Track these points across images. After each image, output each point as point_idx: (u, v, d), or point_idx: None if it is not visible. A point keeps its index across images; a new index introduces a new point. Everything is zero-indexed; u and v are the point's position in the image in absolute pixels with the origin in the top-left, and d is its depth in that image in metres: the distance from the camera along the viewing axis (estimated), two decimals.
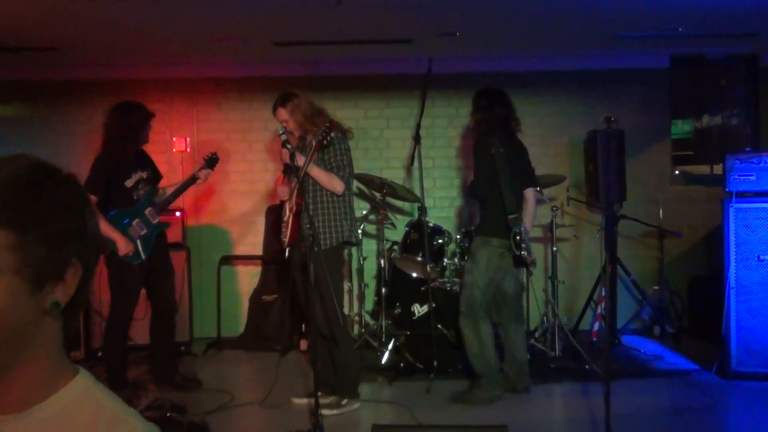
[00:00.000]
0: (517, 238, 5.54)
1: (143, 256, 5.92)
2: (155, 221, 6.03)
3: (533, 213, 6.00)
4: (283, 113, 5.54)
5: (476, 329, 5.76)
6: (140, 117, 6.09)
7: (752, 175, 6.26)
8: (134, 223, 5.95)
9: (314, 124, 5.55)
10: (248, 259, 8.24)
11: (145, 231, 5.96)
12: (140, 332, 7.33)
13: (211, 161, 6.26)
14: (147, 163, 6.28)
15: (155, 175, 6.35)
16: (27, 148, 8.23)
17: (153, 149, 8.22)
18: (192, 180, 6.14)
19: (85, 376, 1.42)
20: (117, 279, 5.98)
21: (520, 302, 6.20)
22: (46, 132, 8.27)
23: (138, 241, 5.90)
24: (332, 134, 5.37)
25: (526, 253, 5.57)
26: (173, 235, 7.56)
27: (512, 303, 5.97)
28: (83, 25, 6.34)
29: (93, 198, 5.64)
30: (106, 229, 5.71)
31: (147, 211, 5.99)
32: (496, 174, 5.66)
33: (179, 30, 6.62)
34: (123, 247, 5.79)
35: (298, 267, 5.55)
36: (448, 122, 8.41)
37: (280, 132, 5.31)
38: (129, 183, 5.97)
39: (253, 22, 6.40)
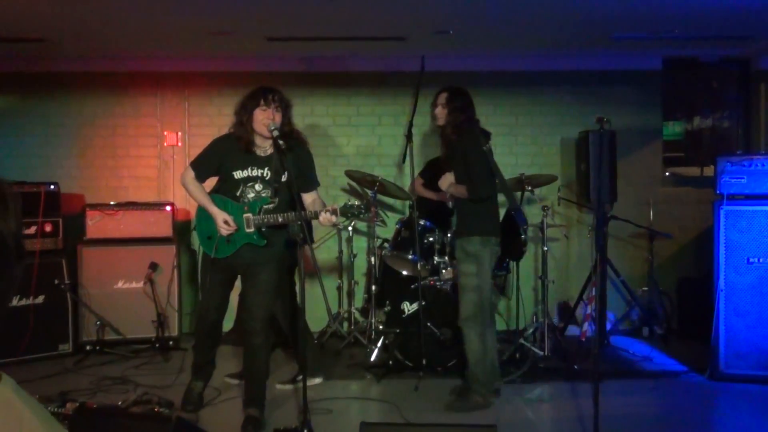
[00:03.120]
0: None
1: (215, 253, 5.21)
2: (248, 230, 5.19)
3: None
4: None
5: (482, 335, 5.66)
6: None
7: (743, 178, 6.27)
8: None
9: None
10: None
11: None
12: (130, 327, 7.33)
13: (344, 212, 5.19)
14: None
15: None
16: (16, 141, 8.21)
17: (144, 143, 8.25)
18: (312, 215, 5.12)
19: (7, 385, 1.31)
20: (203, 271, 5.54)
21: (495, 303, 6.19)
22: (35, 124, 8.24)
23: (220, 237, 5.19)
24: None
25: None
26: (162, 229, 7.55)
27: (492, 304, 5.97)
28: (73, 17, 6.31)
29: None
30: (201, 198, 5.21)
31: (246, 216, 5.17)
32: (491, 171, 5.63)
33: (171, 23, 6.59)
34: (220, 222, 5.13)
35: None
36: None
37: (273, 128, 5.16)
38: (238, 175, 5.25)
39: (247, 16, 6.38)
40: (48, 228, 7.15)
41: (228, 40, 7.13)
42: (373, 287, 7.24)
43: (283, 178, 5.21)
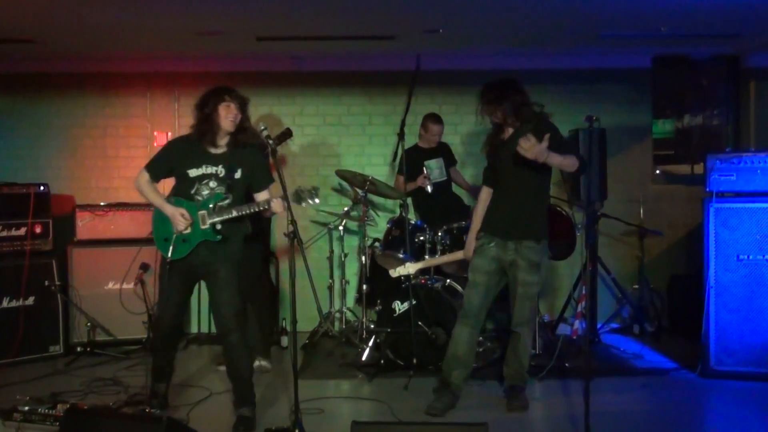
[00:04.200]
0: None
1: (170, 254, 5.17)
2: (203, 227, 5.20)
3: None
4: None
5: (533, 338, 5.74)
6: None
7: (732, 176, 6.29)
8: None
9: None
10: None
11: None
12: (121, 328, 7.31)
13: (298, 199, 5.22)
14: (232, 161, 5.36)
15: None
16: (6, 142, 8.20)
17: (134, 144, 8.23)
18: (265, 204, 5.19)
19: None
20: (160, 274, 5.46)
21: None
22: (25, 125, 8.23)
23: (174, 237, 5.18)
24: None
25: None
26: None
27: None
28: (63, 17, 6.30)
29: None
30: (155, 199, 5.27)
31: (201, 213, 5.20)
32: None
33: (161, 24, 6.58)
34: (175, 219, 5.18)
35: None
36: None
37: (263, 127, 5.21)
38: (192, 173, 5.27)
39: (236, 16, 6.37)
40: (38, 229, 7.13)
41: (218, 40, 7.12)
42: (364, 286, 7.24)
43: (237, 176, 5.26)
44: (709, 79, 8.78)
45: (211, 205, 5.20)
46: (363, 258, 7.38)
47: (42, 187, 7.23)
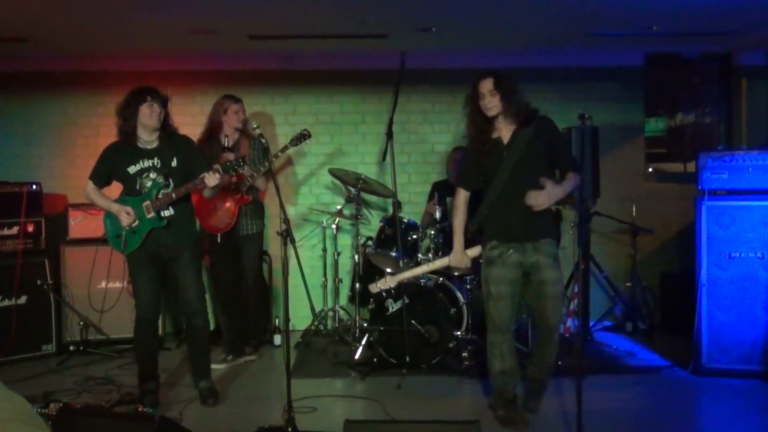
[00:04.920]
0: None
1: (125, 249, 5.54)
2: (149, 216, 5.51)
3: None
4: None
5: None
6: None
7: (724, 174, 6.30)
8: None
9: None
10: None
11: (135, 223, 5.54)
12: (114, 327, 7.30)
13: (228, 168, 5.57)
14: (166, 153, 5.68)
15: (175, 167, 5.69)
16: None
17: None
18: (199, 182, 5.48)
19: None
20: (128, 270, 5.78)
21: None
22: (17, 124, 8.21)
23: (125, 232, 5.52)
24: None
25: None
26: None
27: None
28: (55, 16, 6.29)
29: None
30: (102, 203, 5.60)
31: (145, 204, 5.51)
32: None
33: (153, 22, 6.57)
34: (121, 217, 5.49)
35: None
36: (423, 117, 8.42)
37: (255, 125, 5.33)
38: (132, 170, 5.59)
39: (228, 15, 6.37)
40: (30, 228, 7.13)
41: (210, 38, 7.11)
42: (357, 285, 7.25)
43: (173, 164, 5.61)
44: (701, 77, 8.79)
45: (154, 194, 5.53)
46: (356, 256, 7.38)
47: (34, 186, 7.22)
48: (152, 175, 5.55)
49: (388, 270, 6.77)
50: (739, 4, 6.22)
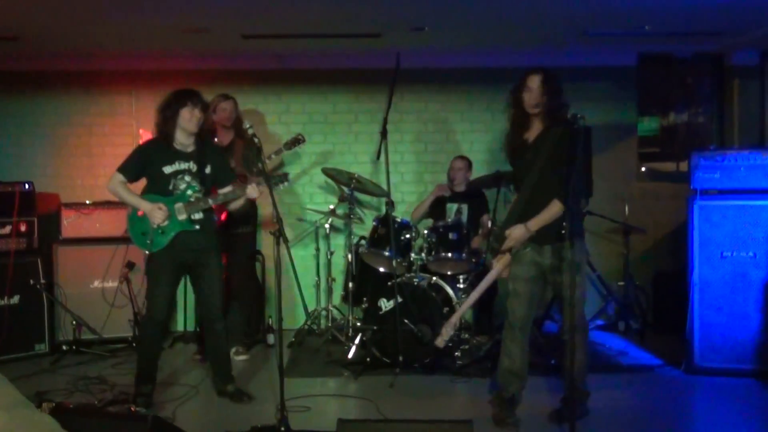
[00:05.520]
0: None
1: (153, 248, 5.48)
2: (180, 217, 5.50)
3: None
4: None
5: (586, 345, 5.41)
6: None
7: (716, 173, 6.32)
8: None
9: None
10: None
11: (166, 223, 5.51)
12: (107, 326, 7.30)
13: (276, 179, 5.70)
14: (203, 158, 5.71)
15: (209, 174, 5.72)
16: None
17: (120, 142, 8.20)
18: (241, 191, 5.60)
19: None
20: (147, 268, 5.72)
21: None
22: (9, 123, 8.20)
23: (153, 231, 5.47)
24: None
25: None
26: None
27: None
28: (47, 15, 6.27)
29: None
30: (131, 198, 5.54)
31: (177, 206, 5.50)
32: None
33: (146, 21, 6.57)
34: (153, 214, 5.45)
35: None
36: (417, 117, 8.42)
37: (249, 126, 5.33)
38: (167, 170, 5.57)
39: (221, 14, 6.37)
40: (23, 227, 7.12)
41: (203, 38, 7.11)
42: (351, 284, 7.25)
43: (207, 171, 5.64)
44: (694, 76, 8.81)
45: (187, 198, 5.50)
46: (349, 256, 7.38)
47: (27, 186, 7.21)
48: (187, 178, 5.54)
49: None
50: (731, 4, 6.24)
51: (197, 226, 5.51)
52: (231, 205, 5.81)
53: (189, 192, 5.53)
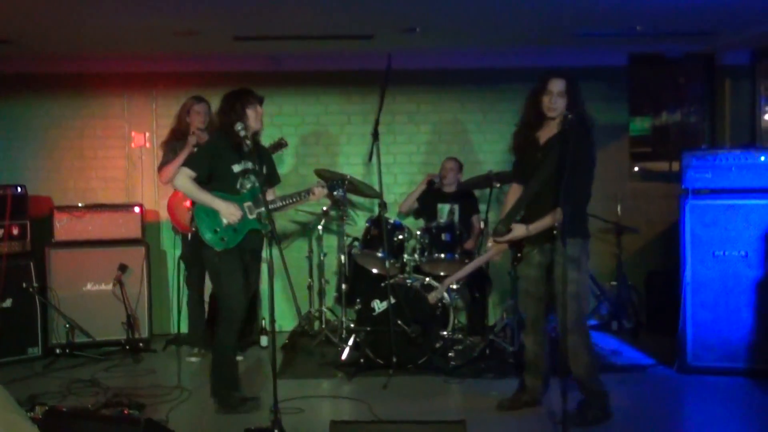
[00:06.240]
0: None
1: (228, 245, 5.48)
2: (251, 216, 5.57)
3: None
4: None
5: (588, 346, 5.31)
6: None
7: (708, 173, 6.34)
8: None
9: None
10: None
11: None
12: (100, 329, 7.29)
13: (332, 187, 5.97)
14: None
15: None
16: None
17: (112, 144, 8.20)
18: (306, 193, 5.77)
19: None
20: (212, 272, 5.70)
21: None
22: (1, 126, 8.17)
23: (226, 228, 5.50)
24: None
25: None
26: (131, 231, 7.52)
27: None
28: (38, 18, 6.26)
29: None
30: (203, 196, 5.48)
31: (246, 205, 5.56)
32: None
33: (138, 24, 6.56)
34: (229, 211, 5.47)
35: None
36: (409, 118, 8.43)
37: (240, 128, 5.32)
38: (236, 168, 5.60)
39: (212, 15, 6.36)
40: (15, 231, 7.10)
41: (194, 40, 7.10)
42: (344, 286, 7.25)
43: (264, 171, 5.72)
44: (686, 77, 8.84)
45: (254, 198, 5.57)
46: (342, 257, 7.38)
47: (19, 189, 7.20)
48: (252, 178, 5.59)
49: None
50: (722, 4, 6.25)
51: (268, 226, 5.35)
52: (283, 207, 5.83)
53: (255, 191, 5.56)
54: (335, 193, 5.87)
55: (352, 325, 6.98)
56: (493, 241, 5.31)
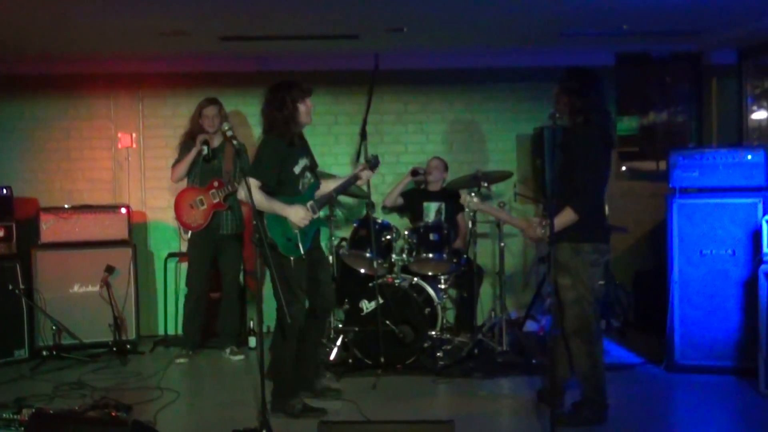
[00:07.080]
0: None
1: (302, 251, 5.31)
2: (315, 216, 5.43)
3: None
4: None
5: (590, 352, 5.22)
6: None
7: (695, 172, 6.35)
8: None
9: None
10: None
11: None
12: (87, 331, 7.25)
13: (374, 164, 5.85)
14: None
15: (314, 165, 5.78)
16: None
17: (98, 145, 8.17)
18: (354, 179, 5.71)
19: None
20: (281, 278, 5.12)
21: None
22: None
23: (297, 234, 5.32)
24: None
25: None
26: (118, 232, 7.49)
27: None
28: (23, 18, 6.23)
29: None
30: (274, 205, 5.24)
31: (309, 204, 5.40)
32: (603, 171, 5.20)
33: (124, 24, 6.53)
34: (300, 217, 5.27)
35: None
36: (396, 118, 8.42)
37: (227, 127, 5.23)
38: (297, 170, 5.44)
39: (198, 16, 6.34)
40: (1, 233, 7.07)
41: (181, 40, 7.07)
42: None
43: (313, 164, 5.64)
44: (673, 76, 8.86)
45: (313, 195, 5.48)
46: (330, 258, 7.37)
47: (4, 190, 7.17)
48: (308, 175, 5.46)
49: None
50: (708, 3, 6.27)
51: (325, 222, 5.31)
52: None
53: (312, 188, 5.48)
54: (375, 168, 5.79)
55: (340, 326, 6.96)
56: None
